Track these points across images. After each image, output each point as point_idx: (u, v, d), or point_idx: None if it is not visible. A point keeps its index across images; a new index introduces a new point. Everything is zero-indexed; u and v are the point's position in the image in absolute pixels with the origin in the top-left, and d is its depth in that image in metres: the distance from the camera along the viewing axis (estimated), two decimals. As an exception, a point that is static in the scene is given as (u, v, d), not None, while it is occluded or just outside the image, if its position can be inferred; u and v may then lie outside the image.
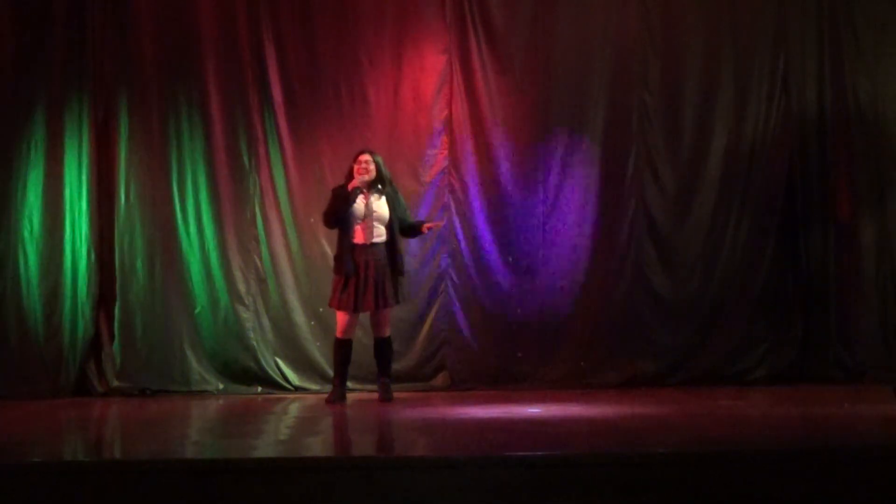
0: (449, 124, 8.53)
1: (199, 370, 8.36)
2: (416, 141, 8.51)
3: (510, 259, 8.50)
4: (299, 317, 8.42)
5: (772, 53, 8.65)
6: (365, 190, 7.47)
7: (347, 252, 7.42)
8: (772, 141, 8.61)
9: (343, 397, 7.58)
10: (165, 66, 8.45)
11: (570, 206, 8.51)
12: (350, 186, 7.43)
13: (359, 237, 7.46)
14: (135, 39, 8.42)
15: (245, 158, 8.46)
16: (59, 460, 5.20)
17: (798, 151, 8.64)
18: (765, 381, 8.40)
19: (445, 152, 8.52)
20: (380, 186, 7.52)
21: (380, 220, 7.49)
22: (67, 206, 8.28)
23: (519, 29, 8.56)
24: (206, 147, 8.42)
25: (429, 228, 7.78)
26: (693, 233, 8.57)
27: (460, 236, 8.50)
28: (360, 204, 7.46)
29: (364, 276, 7.40)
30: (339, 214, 7.45)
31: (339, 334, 7.53)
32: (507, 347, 8.45)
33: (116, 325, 8.34)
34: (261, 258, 8.44)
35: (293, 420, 7.00)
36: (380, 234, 7.48)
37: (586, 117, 8.54)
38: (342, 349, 7.53)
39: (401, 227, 7.60)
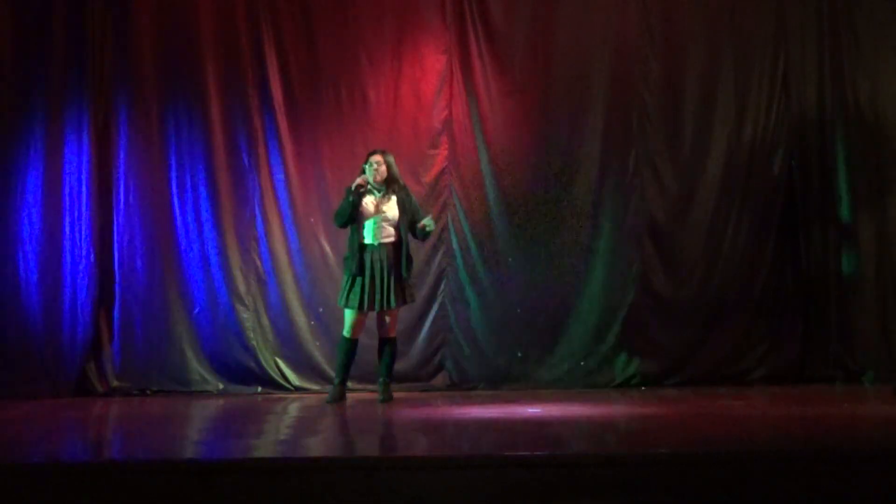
0: (449, 124, 8.53)
1: (199, 370, 8.37)
2: (416, 141, 8.51)
3: (510, 259, 8.50)
4: (299, 317, 8.43)
5: (772, 53, 8.66)
6: (375, 190, 7.47)
7: (356, 252, 7.42)
8: (772, 141, 8.61)
9: (343, 397, 7.58)
10: (165, 66, 8.46)
11: (570, 206, 8.51)
12: (354, 185, 7.41)
13: (368, 237, 7.45)
14: (135, 40, 8.42)
15: (245, 158, 8.47)
16: (59, 460, 5.20)
17: (798, 151, 8.64)
18: (765, 381, 8.40)
19: (445, 152, 8.52)
20: (391, 187, 7.51)
21: (389, 220, 7.46)
22: (67, 206, 8.29)
23: (519, 29, 8.57)
24: (206, 147, 8.43)
25: (423, 226, 7.48)
26: (693, 233, 8.57)
27: (460, 236, 8.50)
28: (369, 204, 7.45)
29: (372, 275, 7.39)
30: (346, 215, 7.44)
31: (346, 333, 7.52)
32: (507, 347, 8.45)
33: (116, 325, 8.36)
34: (261, 258, 8.44)
35: (293, 420, 6.99)
36: (389, 235, 7.45)
37: (586, 117, 8.54)
38: (348, 348, 7.51)
39: (411, 230, 7.57)
